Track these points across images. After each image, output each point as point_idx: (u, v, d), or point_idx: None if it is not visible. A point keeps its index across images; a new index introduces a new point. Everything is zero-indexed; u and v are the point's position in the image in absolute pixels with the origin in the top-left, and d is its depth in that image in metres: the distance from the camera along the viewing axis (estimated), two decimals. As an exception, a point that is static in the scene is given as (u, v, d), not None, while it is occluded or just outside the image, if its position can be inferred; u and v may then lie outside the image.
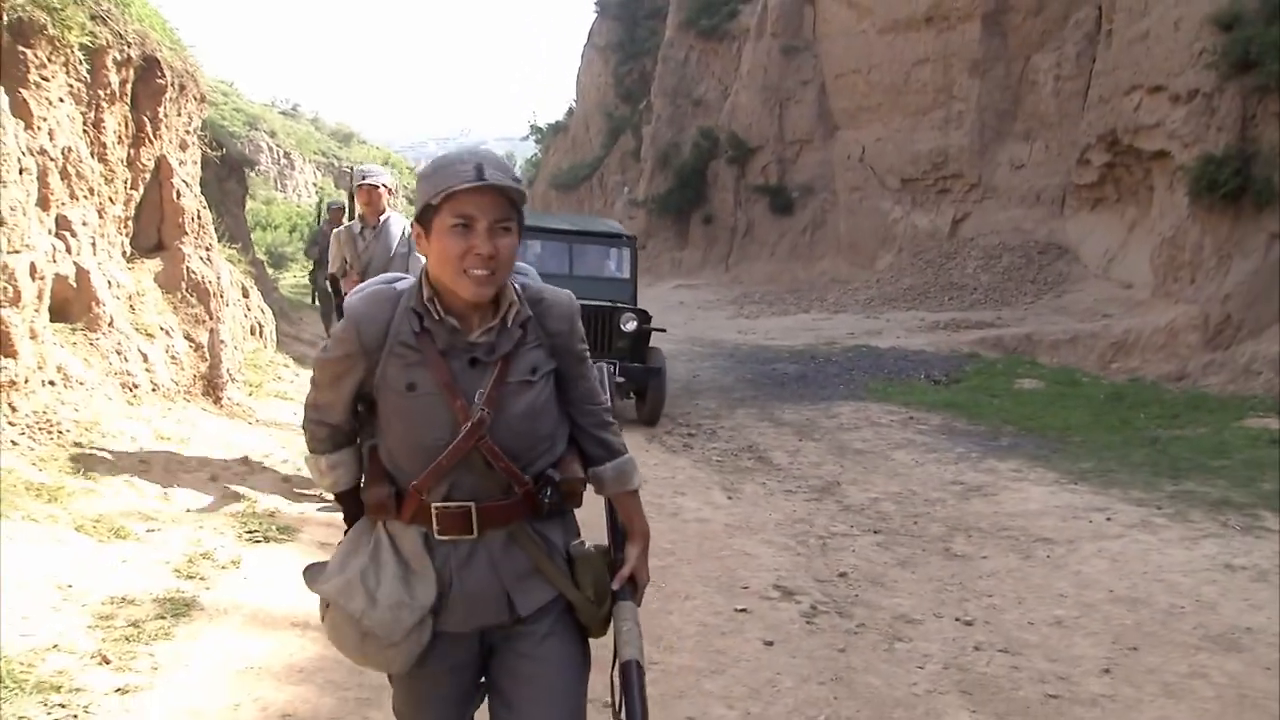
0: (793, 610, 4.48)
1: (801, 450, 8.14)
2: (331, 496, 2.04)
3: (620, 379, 8.71)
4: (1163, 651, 4.00)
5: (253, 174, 25.42)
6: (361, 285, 1.97)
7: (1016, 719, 3.47)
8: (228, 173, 13.88)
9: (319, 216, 21.49)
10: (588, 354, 1.98)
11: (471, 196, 1.71)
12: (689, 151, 28.39)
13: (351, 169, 7.19)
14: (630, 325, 9.15)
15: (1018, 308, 17.27)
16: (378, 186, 5.82)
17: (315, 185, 48.67)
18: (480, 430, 1.77)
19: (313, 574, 1.98)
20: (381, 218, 5.81)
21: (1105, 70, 17.59)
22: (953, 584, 4.88)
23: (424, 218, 1.78)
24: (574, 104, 44.45)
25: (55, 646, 3.46)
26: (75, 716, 3.06)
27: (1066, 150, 19.43)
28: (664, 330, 10.33)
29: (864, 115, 24.24)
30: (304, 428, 2.01)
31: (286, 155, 49.36)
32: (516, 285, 1.88)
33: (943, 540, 5.62)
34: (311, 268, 15.43)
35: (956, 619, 4.41)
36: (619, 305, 9.32)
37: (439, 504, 1.81)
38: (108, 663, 3.44)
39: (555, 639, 1.89)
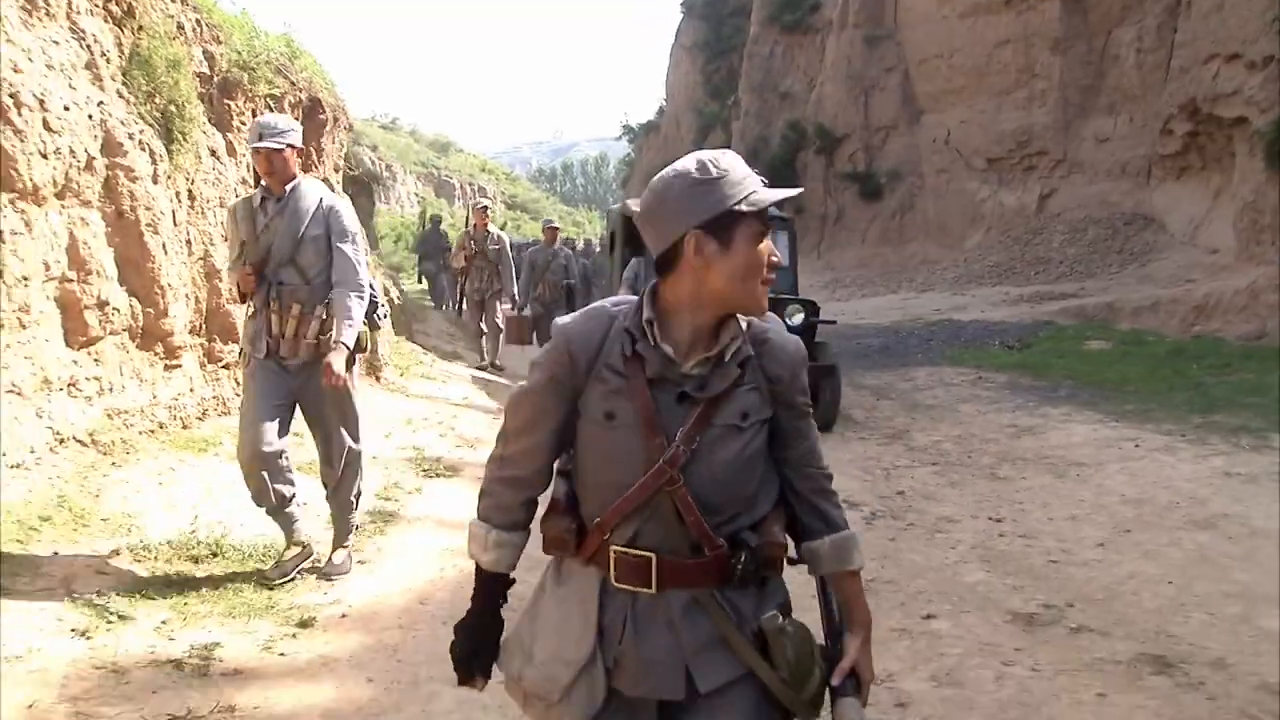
0: (855, 515, 5.59)
1: (878, 408, 9.17)
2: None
3: None
4: (1151, 533, 5.00)
5: (378, 188, 27.33)
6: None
7: (1023, 576, 4.53)
8: (359, 189, 15.57)
9: (422, 225, 23.37)
10: (810, 410, 1.76)
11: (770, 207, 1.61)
12: (778, 144, 29.30)
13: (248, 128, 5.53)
14: (798, 318, 7.91)
15: (1102, 278, 17.73)
16: (281, 149, 4.19)
17: (417, 195, 50.99)
18: (672, 470, 1.58)
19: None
20: (288, 186, 4.25)
21: (1185, 41, 17.91)
22: (991, 497, 5.92)
23: (719, 226, 1.56)
24: (664, 103, 45.65)
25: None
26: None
27: (1150, 122, 19.71)
28: (833, 323, 9.35)
29: (948, 98, 24.79)
30: (482, 491, 1.83)
31: (388, 168, 51.69)
32: (743, 320, 1.69)
33: (990, 468, 6.64)
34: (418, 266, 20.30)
35: (989, 518, 5.47)
36: (781, 296, 7.99)
37: (619, 548, 1.64)
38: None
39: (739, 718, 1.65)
